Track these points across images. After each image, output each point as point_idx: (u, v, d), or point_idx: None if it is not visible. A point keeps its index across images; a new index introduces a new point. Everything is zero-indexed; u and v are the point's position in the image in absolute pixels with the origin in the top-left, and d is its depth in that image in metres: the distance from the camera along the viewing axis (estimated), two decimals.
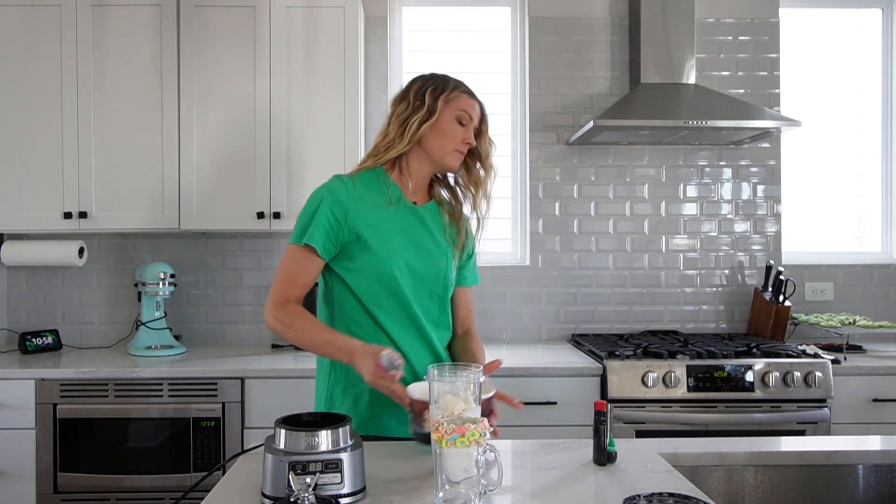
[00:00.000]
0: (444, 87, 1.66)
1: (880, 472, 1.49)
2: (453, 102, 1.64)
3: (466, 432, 1.12)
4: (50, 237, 2.92)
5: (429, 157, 1.67)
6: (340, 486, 1.16)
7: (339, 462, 1.16)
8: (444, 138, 1.65)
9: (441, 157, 1.66)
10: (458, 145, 1.65)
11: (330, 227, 1.58)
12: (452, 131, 1.65)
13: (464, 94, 1.66)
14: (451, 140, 1.65)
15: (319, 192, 1.62)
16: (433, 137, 1.64)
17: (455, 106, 1.64)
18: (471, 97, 1.67)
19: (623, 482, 1.30)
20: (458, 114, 1.64)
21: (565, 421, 2.47)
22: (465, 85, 1.69)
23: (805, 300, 3.15)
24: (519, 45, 3.19)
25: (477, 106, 1.68)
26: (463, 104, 1.65)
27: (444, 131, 1.64)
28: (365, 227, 1.59)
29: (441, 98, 1.64)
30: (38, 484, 2.43)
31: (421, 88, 1.66)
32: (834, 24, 3.30)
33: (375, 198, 1.63)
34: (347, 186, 1.61)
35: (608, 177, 3.13)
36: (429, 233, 1.67)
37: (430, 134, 1.64)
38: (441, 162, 1.67)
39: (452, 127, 1.65)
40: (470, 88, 1.69)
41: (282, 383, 2.48)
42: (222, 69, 2.73)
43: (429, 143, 1.65)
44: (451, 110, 1.64)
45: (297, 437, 1.17)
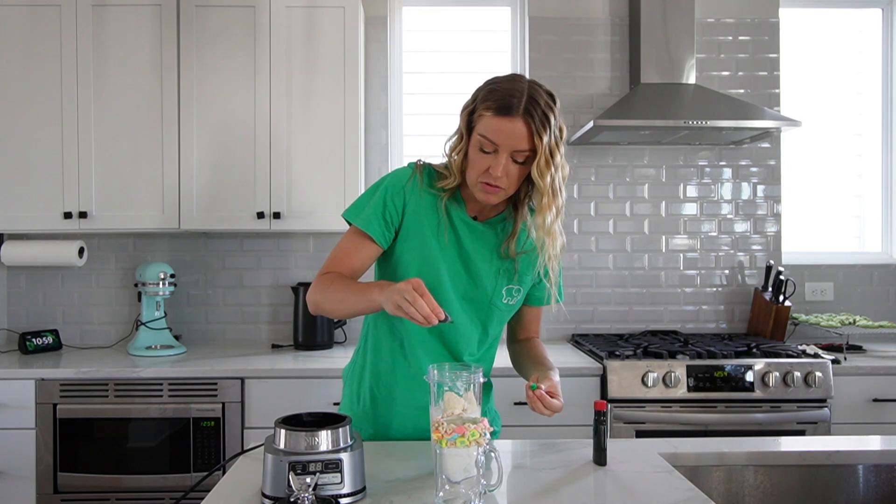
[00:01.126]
0: (474, 104, 1.39)
1: (880, 472, 1.49)
2: (478, 124, 1.38)
3: (466, 432, 1.12)
4: (50, 237, 2.92)
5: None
6: (340, 486, 1.16)
7: (339, 462, 1.16)
8: (469, 168, 1.41)
9: (471, 187, 1.43)
10: (480, 176, 1.39)
11: (388, 210, 1.46)
12: (475, 160, 1.39)
13: (488, 111, 1.34)
14: (473, 171, 1.40)
15: (390, 174, 1.52)
16: (467, 167, 1.43)
17: (478, 129, 1.37)
18: (498, 115, 1.33)
19: (623, 482, 1.30)
20: (478, 139, 1.37)
21: (565, 421, 2.44)
22: (505, 96, 1.34)
23: (805, 300, 3.15)
24: (519, 45, 3.19)
25: (507, 126, 1.33)
26: (483, 127, 1.36)
27: (470, 160, 1.41)
28: (413, 233, 1.47)
29: (470, 118, 1.40)
30: (38, 484, 2.44)
31: (466, 102, 1.43)
32: (834, 24, 3.30)
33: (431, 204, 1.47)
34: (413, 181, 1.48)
35: (608, 177, 3.13)
36: (482, 250, 1.50)
37: (467, 163, 1.42)
38: (474, 194, 1.44)
39: (475, 155, 1.39)
40: (509, 102, 1.33)
41: (282, 383, 2.48)
42: (222, 69, 2.73)
43: (466, 172, 1.44)
44: (475, 135, 1.38)
45: (297, 437, 1.17)
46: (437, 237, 1.48)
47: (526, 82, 1.37)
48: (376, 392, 1.57)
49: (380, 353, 1.57)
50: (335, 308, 1.44)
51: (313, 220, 2.75)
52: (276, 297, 3.08)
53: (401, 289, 1.26)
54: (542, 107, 1.35)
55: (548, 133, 1.34)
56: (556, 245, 1.44)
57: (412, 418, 1.54)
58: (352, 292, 1.39)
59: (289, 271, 3.09)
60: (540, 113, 1.34)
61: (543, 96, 1.36)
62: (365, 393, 1.58)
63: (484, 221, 1.51)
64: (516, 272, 1.52)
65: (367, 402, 1.57)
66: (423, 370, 1.46)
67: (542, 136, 1.33)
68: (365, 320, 1.63)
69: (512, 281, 1.52)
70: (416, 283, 1.27)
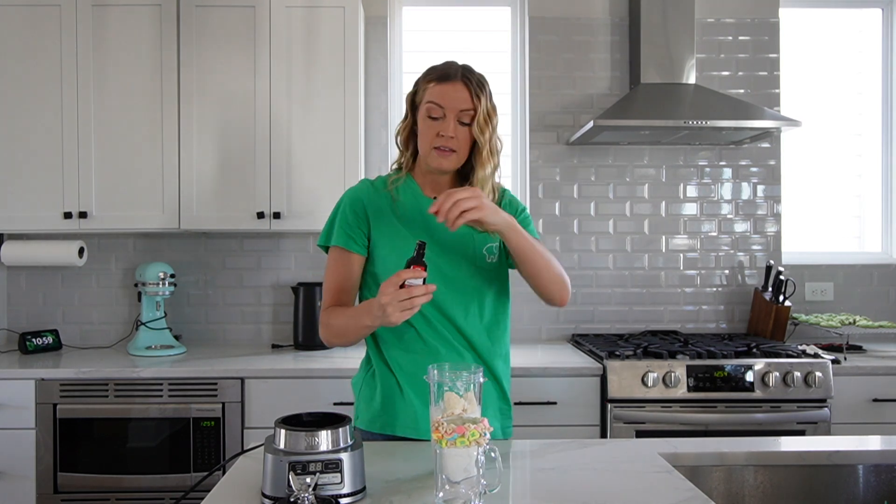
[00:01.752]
0: (416, 86, 1.55)
1: (880, 472, 1.49)
2: (423, 97, 1.51)
3: (466, 432, 1.12)
4: (50, 237, 2.92)
5: (423, 161, 1.57)
6: (340, 486, 1.16)
7: (339, 462, 1.16)
8: (421, 140, 1.53)
9: (426, 160, 1.53)
10: (433, 142, 1.49)
11: (351, 221, 1.55)
12: (425, 129, 1.51)
13: (431, 83, 1.50)
14: (425, 140, 1.51)
15: (345, 196, 1.61)
16: (419, 142, 1.54)
17: (424, 100, 1.51)
18: (441, 82, 1.49)
19: (623, 482, 1.30)
20: (426, 107, 1.50)
21: (565, 421, 2.47)
22: (444, 68, 1.51)
23: (805, 300, 3.15)
24: (519, 45, 3.19)
25: (449, 89, 1.48)
26: (429, 95, 1.50)
27: (420, 133, 1.53)
28: (388, 230, 1.55)
29: (414, 98, 1.54)
30: (38, 484, 2.43)
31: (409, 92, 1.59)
32: (834, 24, 3.30)
33: (394, 200, 1.56)
34: (369, 188, 1.59)
35: (608, 177, 3.13)
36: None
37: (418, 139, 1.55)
38: (429, 166, 1.54)
39: (424, 124, 1.51)
40: (447, 71, 1.50)
41: (282, 383, 2.48)
42: (222, 69, 2.73)
43: (419, 148, 1.56)
44: (422, 108, 1.51)
45: (297, 437, 1.17)
46: (407, 222, 1.55)
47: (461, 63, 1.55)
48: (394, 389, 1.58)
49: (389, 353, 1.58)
50: (343, 342, 1.55)
51: (313, 220, 2.75)
52: (276, 297, 3.08)
53: (386, 301, 1.32)
54: (477, 75, 1.53)
55: (485, 96, 1.50)
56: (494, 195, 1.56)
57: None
58: (348, 325, 1.49)
59: (289, 271, 3.09)
60: (476, 78, 1.52)
61: (476, 70, 1.55)
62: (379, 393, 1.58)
63: None
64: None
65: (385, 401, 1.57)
66: (432, 352, 1.53)
67: (481, 96, 1.49)
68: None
69: (488, 238, 1.56)
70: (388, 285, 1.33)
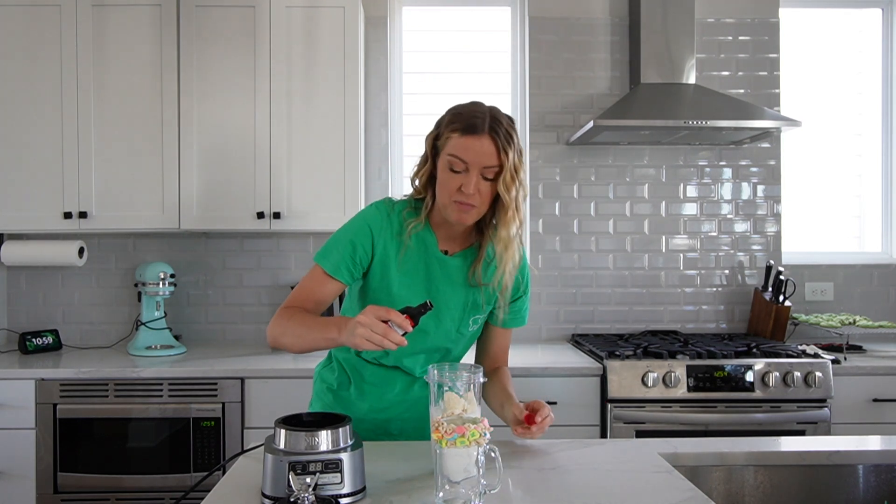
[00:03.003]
0: (439, 129, 1.45)
1: (880, 472, 1.49)
2: (445, 147, 1.42)
3: (466, 432, 1.12)
4: (50, 237, 2.92)
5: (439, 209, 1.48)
6: (340, 486, 1.16)
7: (339, 462, 1.16)
8: (440, 190, 1.44)
9: (443, 210, 1.45)
10: (453, 195, 1.41)
11: (350, 253, 1.48)
12: (445, 180, 1.42)
13: (455, 133, 1.39)
14: (445, 191, 1.42)
15: (358, 215, 1.54)
16: (437, 190, 1.45)
17: (446, 150, 1.41)
18: (465, 135, 1.38)
19: (623, 482, 1.30)
20: (448, 159, 1.40)
21: (565, 421, 2.47)
22: (470, 118, 1.40)
23: (805, 300, 3.15)
24: (519, 45, 3.19)
25: (475, 144, 1.38)
26: (452, 147, 1.40)
27: (440, 182, 1.44)
28: (384, 272, 1.50)
29: (435, 142, 1.45)
30: (38, 484, 2.44)
31: (430, 131, 1.48)
32: (834, 24, 3.30)
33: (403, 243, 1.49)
34: (384, 220, 1.50)
35: (608, 177, 3.13)
36: (452, 285, 1.52)
37: (437, 186, 1.45)
38: (446, 216, 1.45)
39: (445, 175, 1.42)
40: (474, 122, 1.39)
41: (282, 383, 2.48)
42: (222, 69, 2.73)
43: (437, 196, 1.47)
44: (444, 157, 1.42)
45: (297, 437, 1.17)
46: (403, 273, 1.50)
47: (487, 106, 1.44)
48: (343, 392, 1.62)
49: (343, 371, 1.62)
50: (294, 343, 1.43)
51: (313, 220, 2.75)
52: (276, 297, 3.08)
53: (364, 323, 1.25)
54: (505, 125, 1.41)
55: (512, 150, 1.40)
56: (516, 257, 1.48)
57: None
58: (311, 329, 1.40)
59: (289, 271, 3.09)
60: (504, 131, 1.40)
61: (504, 118, 1.43)
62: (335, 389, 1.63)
63: (454, 255, 1.53)
64: (484, 302, 1.55)
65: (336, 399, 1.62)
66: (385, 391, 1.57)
67: (508, 151, 1.39)
68: None
69: (479, 311, 1.55)
70: (374, 312, 1.26)
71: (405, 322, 1.26)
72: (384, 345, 1.24)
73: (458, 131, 1.39)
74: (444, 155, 1.41)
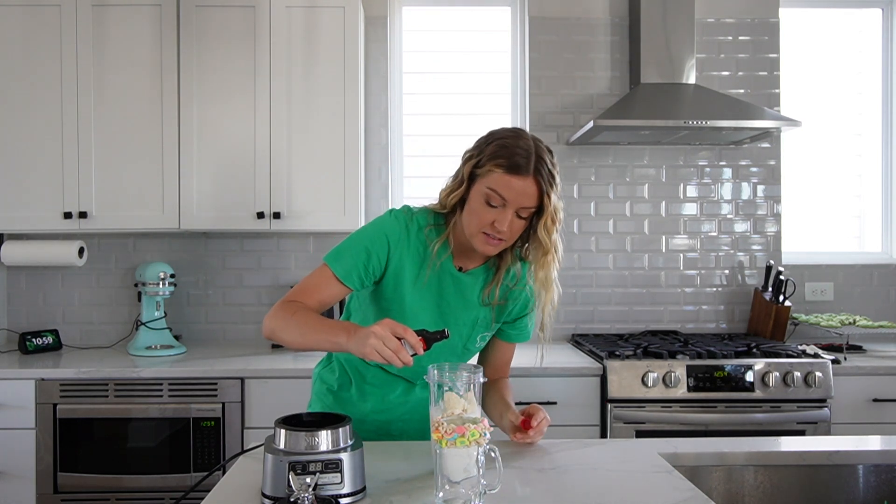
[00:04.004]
0: (481, 157, 1.39)
1: (880, 472, 1.49)
2: (484, 178, 1.38)
3: (466, 432, 1.12)
4: (50, 237, 2.92)
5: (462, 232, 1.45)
6: (340, 486, 1.16)
7: (339, 462, 1.16)
8: (469, 217, 1.41)
9: (468, 237, 1.43)
10: (483, 227, 1.39)
11: (366, 261, 1.45)
12: (479, 211, 1.39)
13: (499, 168, 1.35)
14: (476, 221, 1.40)
15: (375, 221, 1.51)
16: (464, 212, 1.43)
17: (485, 182, 1.37)
18: (509, 174, 1.34)
19: (623, 482, 1.30)
20: (486, 192, 1.37)
21: (565, 421, 2.47)
22: (515, 155, 1.35)
23: (805, 300, 3.15)
24: (519, 45, 3.19)
25: (518, 185, 1.34)
26: (493, 182, 1.36)
27: (471, 210, 1.41)
28: (396, 284, 1.48)
29: (474, 170, 1.40)
30: (38, 484, 2.43)
31: (468, 150, 1.44)
32: (834, 24, 3.30)
33: (419, 255, 1.47)
34: (402, 230, 1.47)
35: (608, 177, 3.13)
36: (464, 302, 1.51)
37: (464, 207, 1.43)
38: (470, 242, 1.44)
39: (479, 206, 1.39)
40: (520, 162, 1.35)
41: (282, 383, 2.48)
42: (222, 69, 2.73)
43: (462, 216, 1.44)
44: (481, 186, 1.38)
45: (297, 437, 1.17)
46: (417, 288, 1.48)
47: (531, 139, 1.40)
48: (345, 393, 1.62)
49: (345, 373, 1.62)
50: (294, 340, 1.40)
51: (313, 220, 2.75)
52: (276, 297, 3.07)
53: (378, 335, 1.23)
54: (549, 165, 1.38)
55: (555, 192, 1.39)
56: (555, 297, 1.48)
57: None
58: (315, 329, 1.37)
59: (289, 271, 3.09)
60: (547, 172, 1.37)
61: (547, 154, 1.40)
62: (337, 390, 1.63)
63: (468, 272, 1.52)
64: (493, 321, 1.54)
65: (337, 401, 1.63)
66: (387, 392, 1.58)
67: (551, 194, 1.38)
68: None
69: (488, 329, 1.55)
70: (390, 327, 1.24)
71: (418, 345, 1.25)
72: (393, 361, 1.23)
73: (502, 168, 1.35)
74: (483, 186, 1.38)
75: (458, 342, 1.54)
